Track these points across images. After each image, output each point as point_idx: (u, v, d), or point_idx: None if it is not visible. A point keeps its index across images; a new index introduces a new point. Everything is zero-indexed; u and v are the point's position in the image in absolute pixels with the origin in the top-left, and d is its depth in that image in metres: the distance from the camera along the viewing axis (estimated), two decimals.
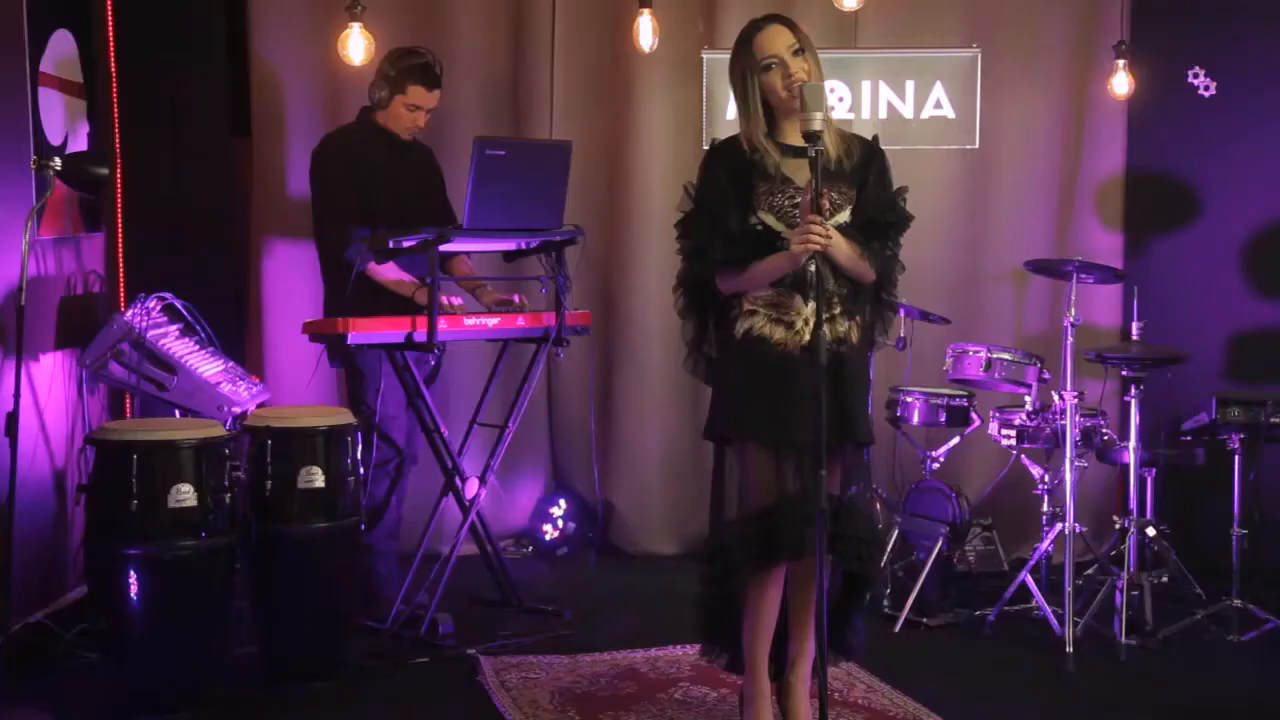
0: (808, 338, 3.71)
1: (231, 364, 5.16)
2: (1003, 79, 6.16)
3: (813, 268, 3.65)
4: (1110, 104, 6.19)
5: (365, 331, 4.74)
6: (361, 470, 4.72)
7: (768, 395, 3.77)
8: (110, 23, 5.59)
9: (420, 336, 4.79)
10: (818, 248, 3.59)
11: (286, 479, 4.50)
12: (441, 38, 5.87)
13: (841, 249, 3.75)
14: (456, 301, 5.06)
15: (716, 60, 5.96)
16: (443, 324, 4.84)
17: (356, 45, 5.18)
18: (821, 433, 3.52)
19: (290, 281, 5.96)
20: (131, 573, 4.18)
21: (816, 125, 3.59)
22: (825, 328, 3.64)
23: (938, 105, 6.10)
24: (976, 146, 6.14)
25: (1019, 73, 6.20)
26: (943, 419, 5.54)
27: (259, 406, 5.06)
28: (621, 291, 6.29)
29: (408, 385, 5.04)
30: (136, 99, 5.66)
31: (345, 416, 4.70)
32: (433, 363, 5.20)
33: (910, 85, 6.06)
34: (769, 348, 3.76)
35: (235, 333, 5.86)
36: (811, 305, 3.69)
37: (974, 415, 5.59)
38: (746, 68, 3.79)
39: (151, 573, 4.18)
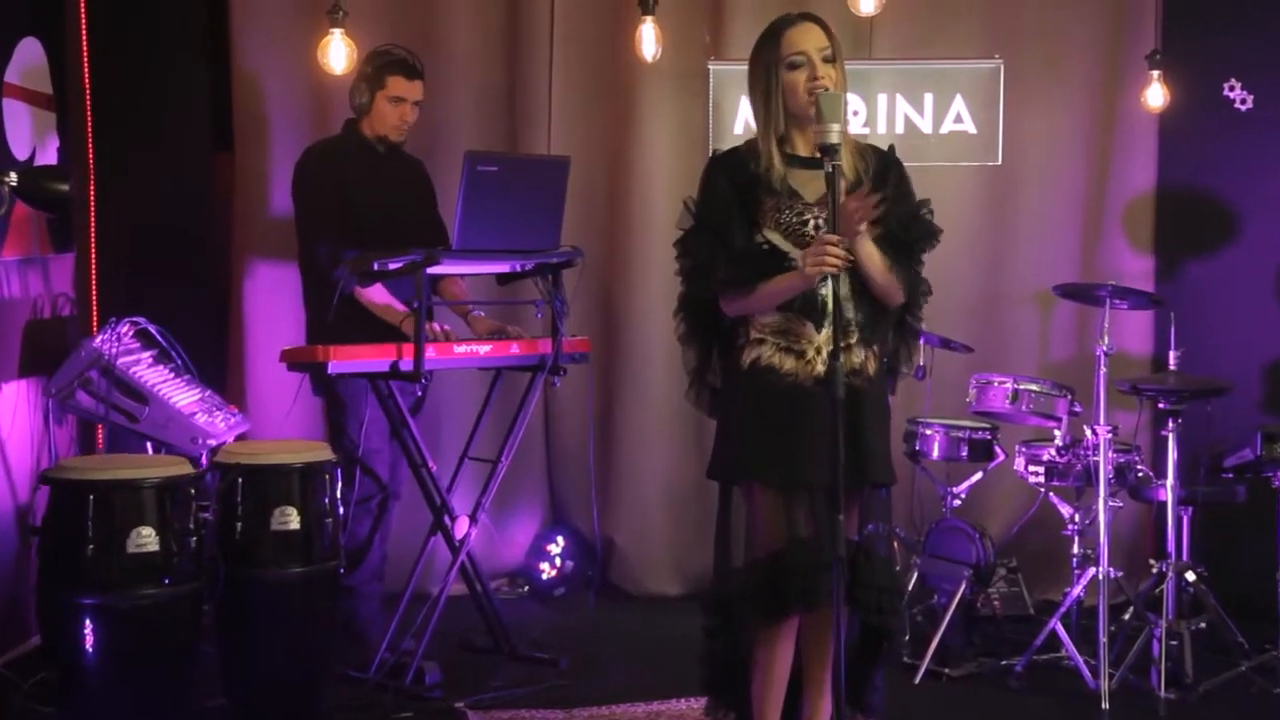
0: (820, 368, 3.47)
1: (209, 393, 4.95)
2: (1026, 91, 5.96)
3: (824, 291, 3.43)
4: (1141, 118, 5.97)
5: (347, 360, 4.49)
6: (341, 508, 4.46)
7: (777, 431, 3.54)
8: (84, 31, 5.38)
9: (406, 365, 4.55)
10: (834, 270, 3.35)
11: (258, 520, 4.24)
12: (433, 46, 5.71)
13: (875, 262, 3.50)
14: (445, 328, 4.82)
15: (723, 72, 5.82)
16: (431, 352, 4.61)
17: (338, 53, 4.90)
18: (839, 473, 3.26)
19: (274, 305, 5.76)
20: (87, 623, 3.90)
21: (833, 138, 3.32)
22: (839, 357, 3.35)
23: (958, 119, 5.88)
24: (999, 163, 5.92)
25: (1043, 85, 6.01)
26: (964, 453, 5.27)
27: (238, 438, 4.84)
28: (623, 316, 6.09)
29: (392, 416, 4.78)
30: (111, 111, 5.46)
31: (322, 452, 4.43)
32: (419, 393, 4.94)
33: (929, 98, 5.84)
34: (778, 379, 3.53)
35: (215, 359, 5.72)
36: (825, 333, 3.45)
37: (998, 449, 5.32)
38: (771, 62, 3.55)
39: (109, 623, 3.90)
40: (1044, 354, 6.09)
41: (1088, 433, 4.85)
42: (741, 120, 5.73)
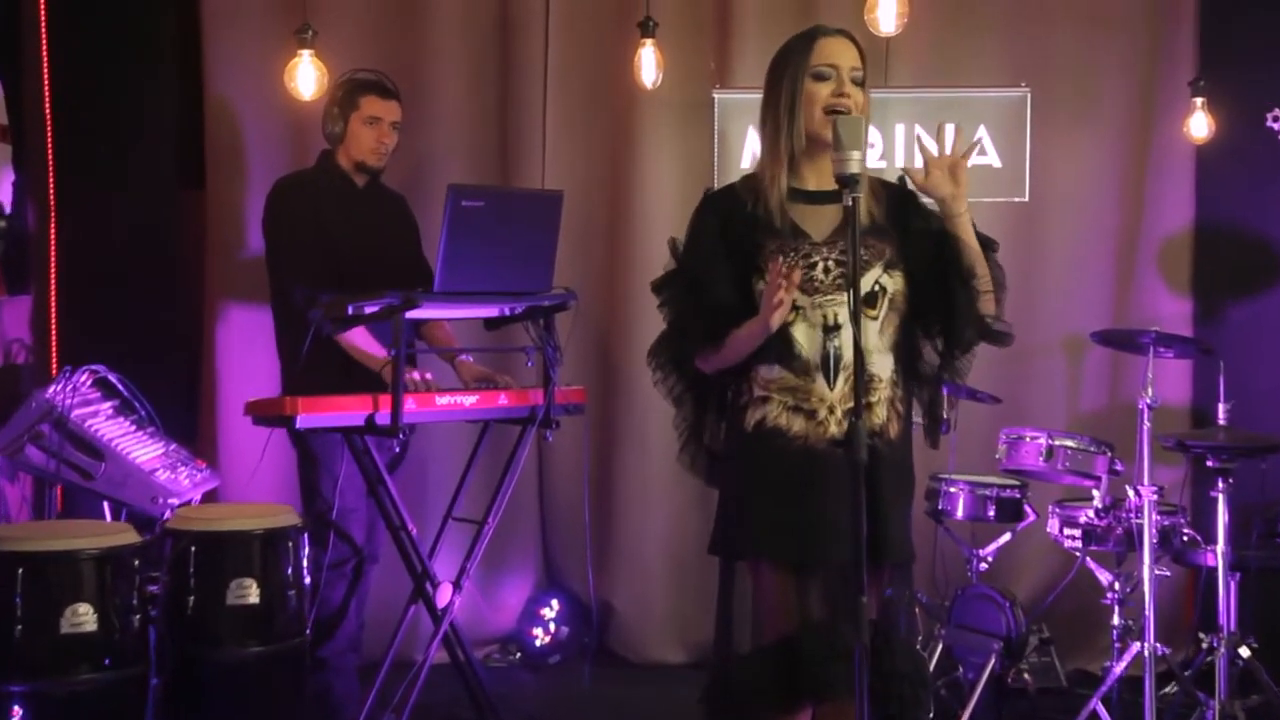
0: (834, 429, 3.15)
1: (174, 447, 4.65)
2: (1055, 122, 5.68)
3: (837, 342, 3.14)
4: (1178, 151, 5.70)
5: (317, 413, 4.17)
6: (308, 578, 4.13)
7: (787, 501, 3.21)
8: (45, 62, 5.21)
9: (383, 419, 4.23)
10: (784, 307, 3.06)
11: (213, 593, 3.90)
12: (417, 73, 5.53)
13: (975, 249, 3.21)
14: (426, 377, 4.50)
15: (729, 101, 5.55)
16: (410, 403, 4.29)
17: (306, 77, 4.59)
18: (863, 547, 2.88)
19: (248, 351, 5.49)
20: (17, 711, 3.53)
21: (853, 167, 2.94)
22: (861, 415, 2.96)
23: (981, 152, 5.57)
24: (1026, 199, 5.61)
25: (1073, 115, 5.73)
26: (991, 513, 4.98)
27: (205, 496, 4.59)
28: (621, 363, 5.79)
29: (367, 474, 4.46)
30: (74, 143, 5.32)
31: (286, 516, 4.08)
32: (396, 449, 4.66)
33: (950, 130, 5.34)
34: (786, 442, 3.19)
35: (184, 410, 5.53)
36: (840, 388, 3.16)
37: (1028, 509, 5.01)
38: (796, 70, 3.23)
39: (42, 711, 3.54)
40: (1074, 405, 5.82)
41: (1130, 493, 4.54)
42: (749, 152, 5.49)
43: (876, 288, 3.20)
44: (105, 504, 4.41)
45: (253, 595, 3.91)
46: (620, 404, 5.81)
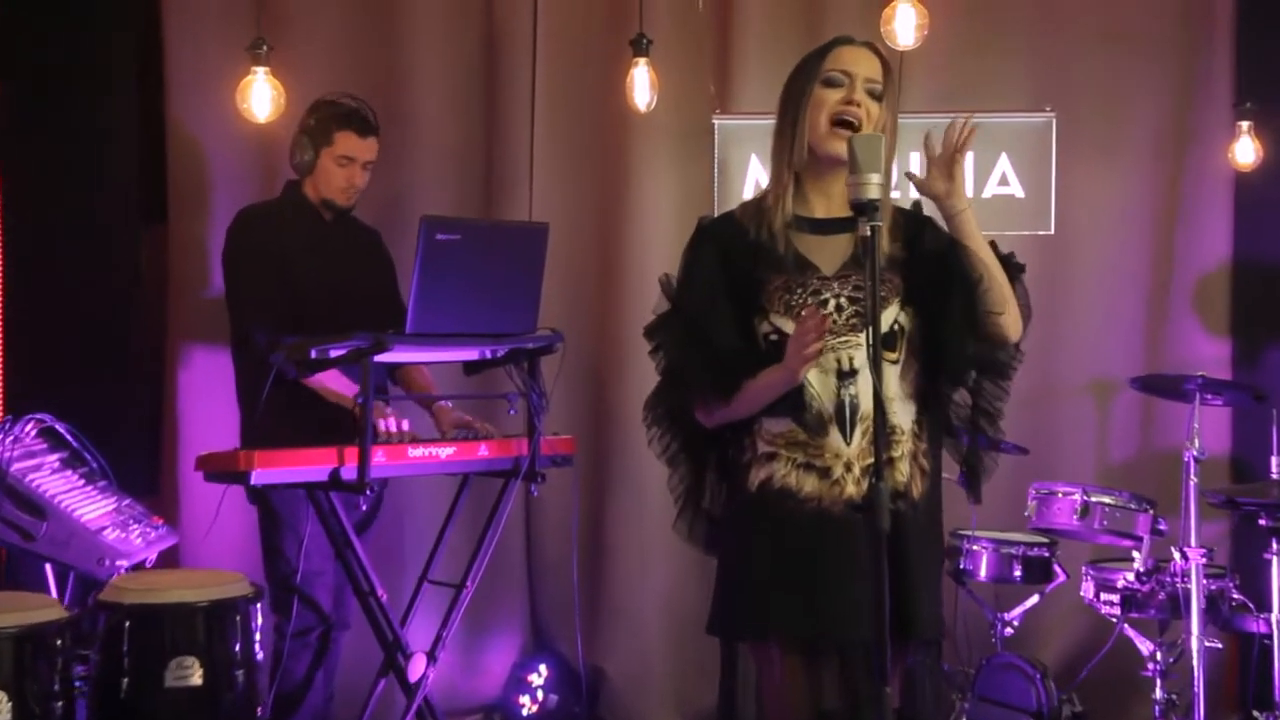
0: (851, 489, 2.84)
1: (127, 502, 4.41)
2: (1081, 149, 5.43)
3: (853, 390, 2.85)
4: (1214, 179, 5.44)
5: (276, 468, 3.90)
6: (260, 654, 3.80)
7: (798, 574, 2.91)
8: None
9: (349, 473, 3.96)
10: (815, 356, 2.76)
11: (150, 674, 3.55)
12: (393, 96, 5.29)
13: (985, 254, 2.93)
14: (400, 426, 4.24)
15: (730, 127, 5.35)
16: (379, 456, 4.04)
17: (260, 96, 4.29)
18: (886, 630, 2.60)
19: (213, 398, 5.19)
20: None
21: (872, 191, 2.63)
22: (883, 476, 2.67)
23: (1003, 181, 5.32)
24: (1051, 232, 5.35)
25: (1101, 141, 5.47)
26: (1018, 573, 4.75)
27: (160, 557, 4.33)
28: (615, 409, 5.51)
29: (333, 535, 4.17)
30: (24, 177, 5.08)
31: (235, 586, 3.75)
32: (364, 508, 4.37)
33: (969, 157, 5.08)
34: (797, 505, 2.88)
35: (143, 461, 5.34)
36: (857, 443, 2.86)
37: (1058, 568, 4.75)
38: (808, 77, 2.95)
39: None
40: (1102, 454, 5.52)
41: (1175, 556, 4.22)
42: (751, 181, 5.28)
43: (895, 327, 2.90)
44: (48, 566, 4.17)
45: (195, 676, 3.57)
46: (613, 454, 5.56)
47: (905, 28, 4.33)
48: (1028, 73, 5.48)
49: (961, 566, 4.76)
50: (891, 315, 2.89)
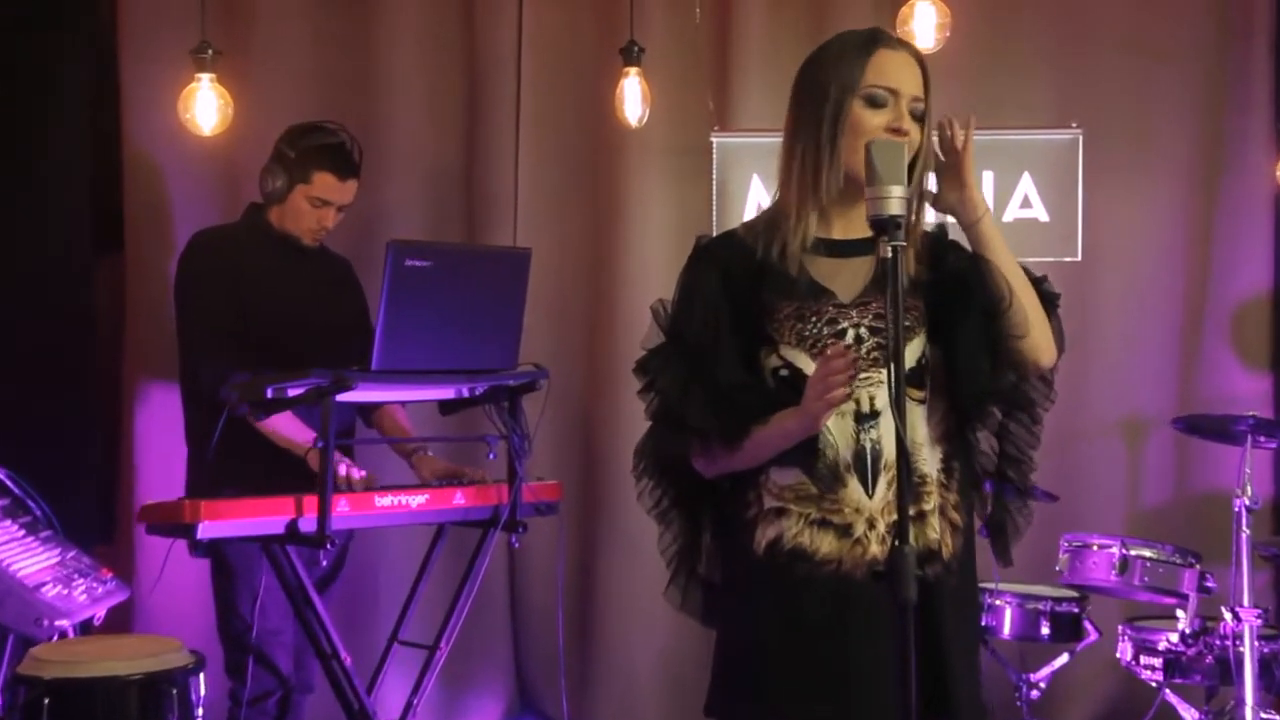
0: (875, 549, 2.50)
1: (73, 554, 4.15)
2: (1110, 168, 5.20)
3: (875, 434, 2.52)
4: (1252, 201, 5.24)
5: (225, 520, 3.64)
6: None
7: (811, 649, 2.55)
8: None
9: (308, 525, 3.71)
10: (837, 401, 2.44)
11: None
12: (367, 114, 5.15)
13: (1011, 268, 2.59)
14: (362, 474, 3.99)
15: (730, 146, 5.15)
16: (342, 506, 3.79)
17: (206, 106, 4.04)
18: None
19: (174, 439, 4.86)
20: None
21: (893, 207, 2.28)
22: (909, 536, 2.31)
23: (1026, 203, 5.13)
24: (1079, 258, 5.13)
25: (1130, 160, 5.27)
26: (1045, 631, 4.48)
27: (109, 614, 3.97)
28: (605, 451, 5.33)
29: (291, 593, 3.89)
30: None
31: (172, 656, 3.44)
32: (324, 563, 4.09)
33: (989, 177, 5.08)
34: (811, 569, 2.54)
35: (96, 509, 5.15)
36: (882, 496, 2.51)
37: (1089, 625, 4.47)
38: (845, 86, 2.57)
39: None
40: (1134, 500, 5.29)
41: (1225, 616, 3.93)
42: (753, 204, 5.07)
43: (922, 361, 2.56)
44: None
45: None
46: (604, 501, 5.36)
47: (925, 28, 4.04)
48: (1052, 86, 5.29)
49: (983, 623, 4.48)
50: (917, 348, 2.55)
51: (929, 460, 2.54)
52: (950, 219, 2.66)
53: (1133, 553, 4.20)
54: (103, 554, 4.68)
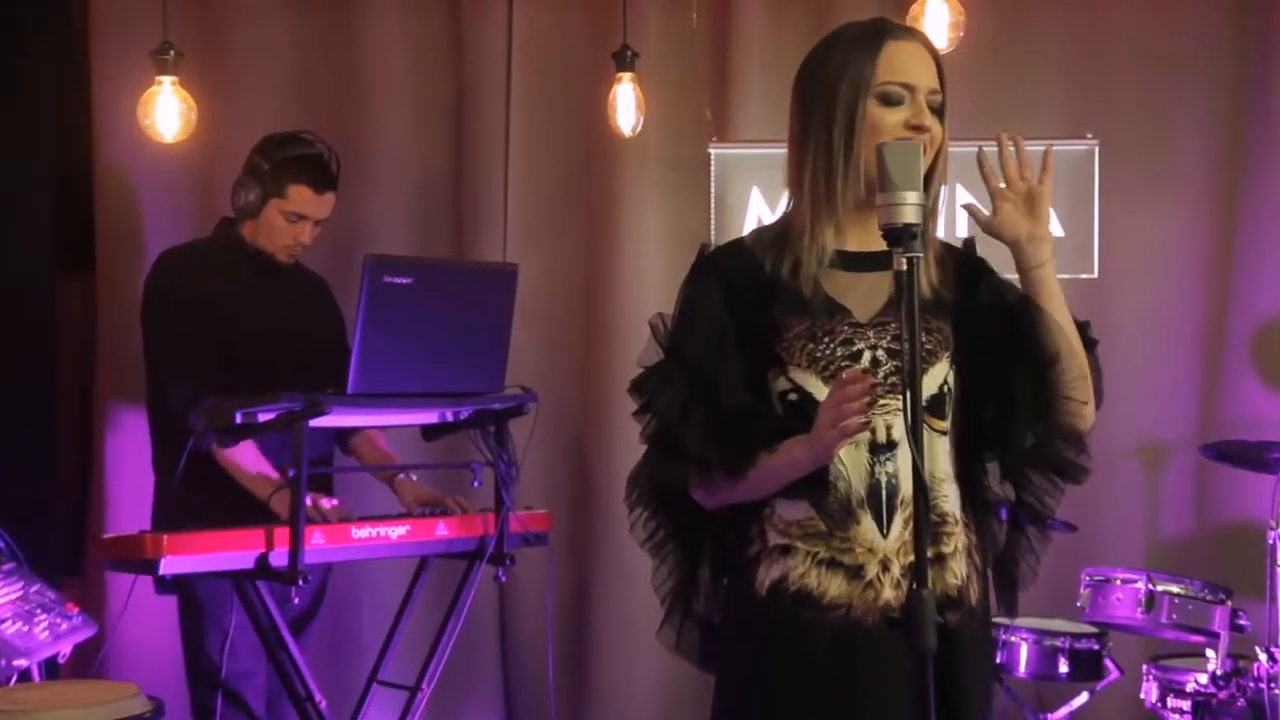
0: (889, 595, 2.32)
1: (37, 588, 4.02)
2: (1127, 181, 5.05)
3: (891, 467, 2.33)
4: (1276, 215, 5.06)
5: (190, 554, 3.52)
6: None
7: (819, 703, 2.37)
8: None
9: (280, 559, 3.58)
10: (852, 431, 2.26)
11: None
12: (349, 124, 5.05)
13: (1065, 319, 2.44)
14: (333, 503, 3.87)
15: (729, 158, 5.03)
16: (316, 538, 3.67)
17: (167, 111, 3.88)
18: None
19: (144, 466, 4.71)
20: None
21: (908, 215, 2.11)
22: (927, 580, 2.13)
23: None
24: (1095, 275, 4.98)
25: (1148, 172, 5.12)
26: (1063, 669, 4.28)
27: (75, 652, 3.89)
28: (598, 478, 5.18)
29: (263, 631, 3.76)
30: None
31: (127, 703, 3.28)
32: (296, 600, 3.90)
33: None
34: (819, 613, 2.35)
35: (65, 539, 5.05)
36: (897, 535, 2.32)
37: (1109, 663, 4.27)
38: (855, 84, 2.39)
39: None
40: (1153, 529, 5.10)
41: (1260, 656, 3.76)
42: (753, 218, 4.95)
43: (944, 389, 2.37)
44: None
45: None
46: (598, 531, 5.21)
47: (937, 28, 3.83)
48: (1066, 95, 5.14)
49: (997, 661, 4.35)
50: (940, 374, 2.36)
51: (950, 497, 2.35)
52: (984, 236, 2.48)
53: (1159, 588, 4.03)
54: (72, 587, 4.67)
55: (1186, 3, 5.09)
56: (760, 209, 4.91)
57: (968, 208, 2.47)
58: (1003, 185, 2.40)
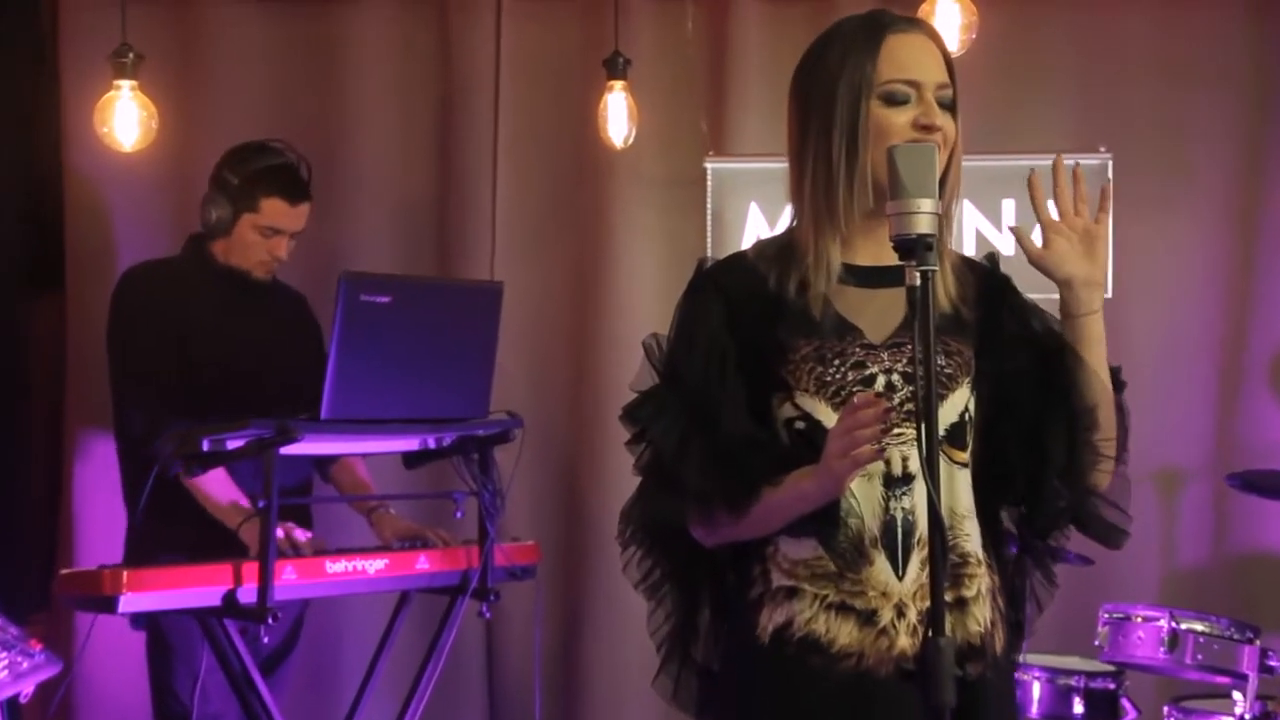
0: (904, 643, 2.15)
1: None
2: (1140, 197, 4.91)
3: (907, 502, 2.17)
4: None
5: (152, 590, 3.38)
6: None
7: None
8: None
9: (248, 595, 3.43)
10: (864, 460, 2.09)
11: None
12: (329, 137, 4.95)
13: (1100, 351, 2.28)
14: (307, 535, 3.73)
15: (726, 172, 4.94)
16: (288, 573, 3.53)
17: (126, 119, 3.76)
18: None
19: (116, 495, 4.59)
20: None
21: (922, 224, 1.95)
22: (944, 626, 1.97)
23: None
24: (1109, 294, 4.70)
25: (1163, 188, 5.00)
26: (1079, 710, 4.12)
27: (39, 691, 3.62)
28: (590, 509, 5.05)
29: (231, 672, 3.60)
30: None
31: None
32: (266, 640, 3.77)
33: (1009, 206, 4.89)
34: (827, 662, 2.18)
35: (32, 572, 4.90)
36: (914, 577, 2.15)
37: (1127, 704, 4.12)
38: (856, 84, 2.22)
39: None
40: (1169, 560, 4.95)
41: None
42: (751, 234, 4.85)
43: (965, 417, 2.20)
44: None
45: None
46: (588, 562, 5.07)
47: (948, 29, 3.66)
48: (1078, 108, 5.03)
49: None
50: (961, 401, 2.19)
51: (973, 535, 2.17)
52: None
53: (1183, 626, 3.86)
54: (41, 622, 4.56)
55: (1202, 12, 4.99)
56: (759, 226, 4.81)
57: (1014, 231, 2.31)
58: (1052, 213, 2.23)
